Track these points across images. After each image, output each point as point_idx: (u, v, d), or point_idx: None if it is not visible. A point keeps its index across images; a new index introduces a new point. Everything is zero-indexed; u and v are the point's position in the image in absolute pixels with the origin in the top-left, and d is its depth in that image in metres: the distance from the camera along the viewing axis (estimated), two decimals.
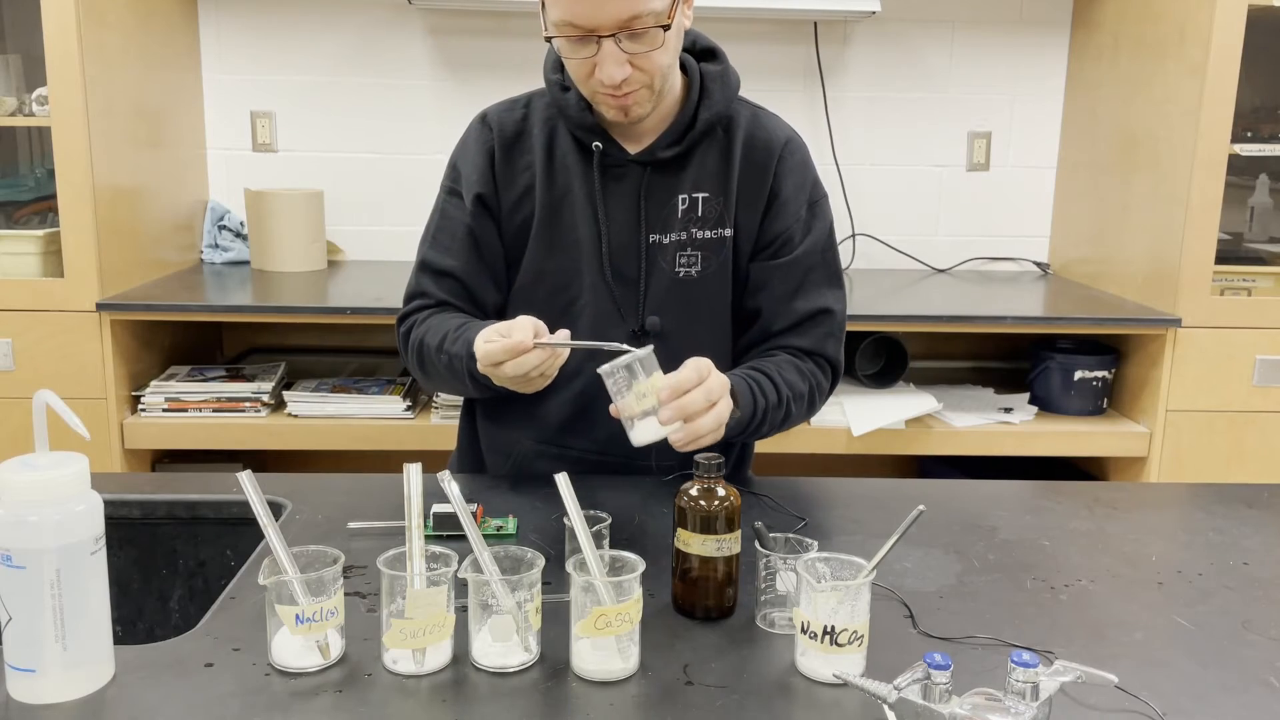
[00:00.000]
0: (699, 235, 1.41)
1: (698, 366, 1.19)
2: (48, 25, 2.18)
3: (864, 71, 2.95)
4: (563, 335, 1.23)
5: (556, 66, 1.41)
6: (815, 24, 2.89)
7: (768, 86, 2.91)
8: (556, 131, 1.42)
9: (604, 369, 1.17)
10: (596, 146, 1.38)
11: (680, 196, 1.40)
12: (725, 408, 1.21)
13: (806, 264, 1.43)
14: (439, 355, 1.36)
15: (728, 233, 1.41)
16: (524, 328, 1.20)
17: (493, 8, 2.76)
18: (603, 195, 1.39)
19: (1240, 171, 2.66)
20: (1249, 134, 2.49)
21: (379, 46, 2.86)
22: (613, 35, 1.24)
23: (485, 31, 2.86)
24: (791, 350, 1.44)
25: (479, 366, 1.24)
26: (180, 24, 2.73)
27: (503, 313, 1.47)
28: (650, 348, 1.18)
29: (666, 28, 1.26)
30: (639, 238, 1.40)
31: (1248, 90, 2.42)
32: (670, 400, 1.15)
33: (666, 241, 1.40)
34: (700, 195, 1.40)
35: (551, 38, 1.28)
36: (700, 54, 1.44)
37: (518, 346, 1.18)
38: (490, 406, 1.51)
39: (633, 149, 1.39)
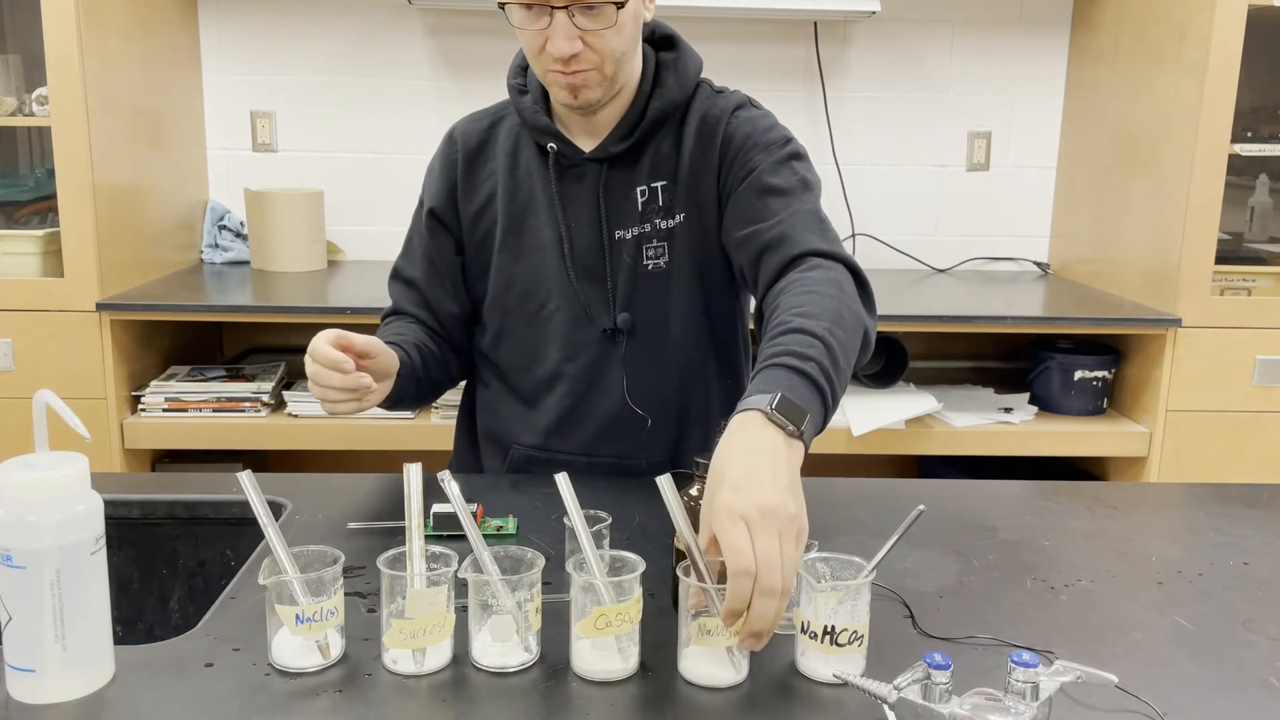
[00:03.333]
0: (661, 225, 1.38)
1: (742, 589, 0.85)
2: (48, 25, 2.18)
3: (864, 71, 2.95)
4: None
5: (519, 71, 1.42)
6: (815, 24, 2.89)
7: (768, 86, 2.91)
8: (521, 139, 1.42)
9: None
10: (551, 148, 1.37)
11: (639, 189, 1.38)
12: (792, 575, 0.87)
13: (761, 186, 1.31)
14: None
15: (680, 216, 1.38)
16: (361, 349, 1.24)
17: (493, 8, 2.74)
18: (560, 196, 1.38)
19: (1240, 171, 2.66)
20: (1249, 134, 2.49)
21: (379, 46, 2.86)
22: (565, 7, 1.23)
23: (485, 31, 2.86)
24: (780, 283, 1.21)
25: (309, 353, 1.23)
26: (180, 24, 2.73)
27: (469, 323, 1.50)
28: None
29: (620, 5, 1.24)
30: (601, 236, 1.38)
31: (1248, 90, 2.42)
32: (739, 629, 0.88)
33: (629, 236, 1.39)
34: (658, 184, 1.38)
35: (505, 4, 1.26)
36: (659, 43, 1.41)
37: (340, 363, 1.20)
38: (486, 411, 1.51)
39: (587, 147, 1.38)
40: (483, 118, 1.47)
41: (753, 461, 0.90)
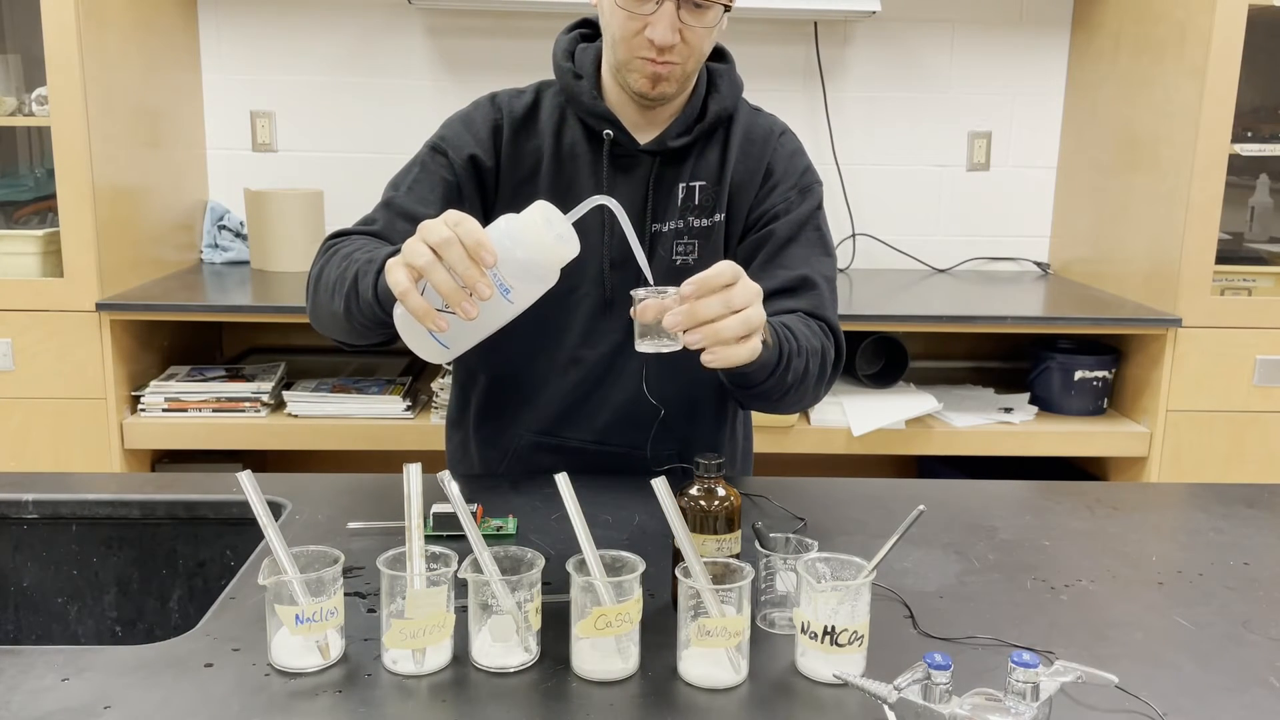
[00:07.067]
0: (695, 223, 1.41)
1: (725, 268, 1.06)
2: (48, 25, 2.18)
3: (864, 71, 2.95)
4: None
5: (568, 55, 1.42)
6: (815, 24, 2.89)
7: (768, 86, 2.91)
8: (565, 120, 1.42)
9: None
10: (607, 134, 1.38)
11: (680, 185, 1.41)
12: (756, 315, 1.07)
13: (789, 234, 1.41)
14: (341, 263, 1.24)
15: (719, 217, 1.42)
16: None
17: (493, 8, 2.76)
18: (610, 184, 1.39)
19: (1240, 171, 2.66)
20: (1249, 134, 2.49)
21: (379, 46, 2.86)
22: None
23: (485, 31, 2.86)
24: (788, 312, 1.38)
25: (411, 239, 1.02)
26: (180, 24, 2.73)
27: None
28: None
29: (727, 9, 1.30)
30: (643, 227, 1.40)
31: (1248, 90, 2.42)
32: (688, 299, 1.04)
33: (666, 230, 1.41)
34: (698, 184, 1.41)
35: None
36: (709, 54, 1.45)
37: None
38: (486, 400, 1.51)
39: (642, 139, 1.40)
40: (522, 94, 1.44)
41: None
